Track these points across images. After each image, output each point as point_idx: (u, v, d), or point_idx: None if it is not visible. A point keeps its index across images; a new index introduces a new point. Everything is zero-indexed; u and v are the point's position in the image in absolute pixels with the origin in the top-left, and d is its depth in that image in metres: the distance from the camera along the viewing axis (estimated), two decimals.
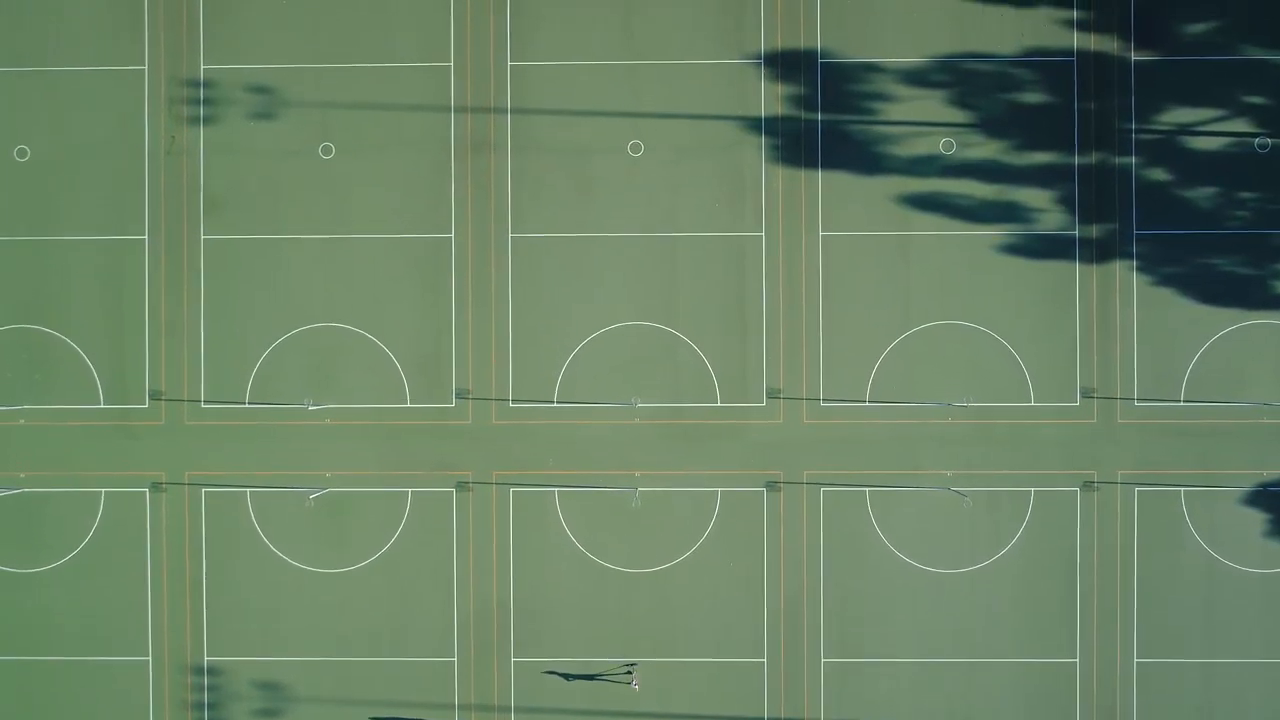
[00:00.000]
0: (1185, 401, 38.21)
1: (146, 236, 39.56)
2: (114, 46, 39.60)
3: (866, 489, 38.63)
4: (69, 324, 39.58)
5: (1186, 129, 38.56)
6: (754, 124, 39.09)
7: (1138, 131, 38.66)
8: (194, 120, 39.51)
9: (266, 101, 39.41)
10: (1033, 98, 38.86)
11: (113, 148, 39.59)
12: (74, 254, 39.59)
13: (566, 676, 38.75)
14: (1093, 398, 38.34)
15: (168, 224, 39.54)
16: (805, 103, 39.05)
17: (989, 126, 38.87)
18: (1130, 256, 38.51)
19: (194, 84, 39.53)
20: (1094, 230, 38.62)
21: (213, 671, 39.28)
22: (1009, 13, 38.91)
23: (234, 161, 39.46)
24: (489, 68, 39.28)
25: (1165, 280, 38.48)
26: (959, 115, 38.90)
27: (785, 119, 39.06)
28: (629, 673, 38.36)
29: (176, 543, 39.44)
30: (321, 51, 39.35)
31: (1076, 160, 38.71)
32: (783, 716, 38.46)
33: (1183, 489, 38.20)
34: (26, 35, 39.61)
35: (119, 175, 39.59)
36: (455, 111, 39.30)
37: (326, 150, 39.37)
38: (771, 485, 38.71)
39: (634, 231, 39.07)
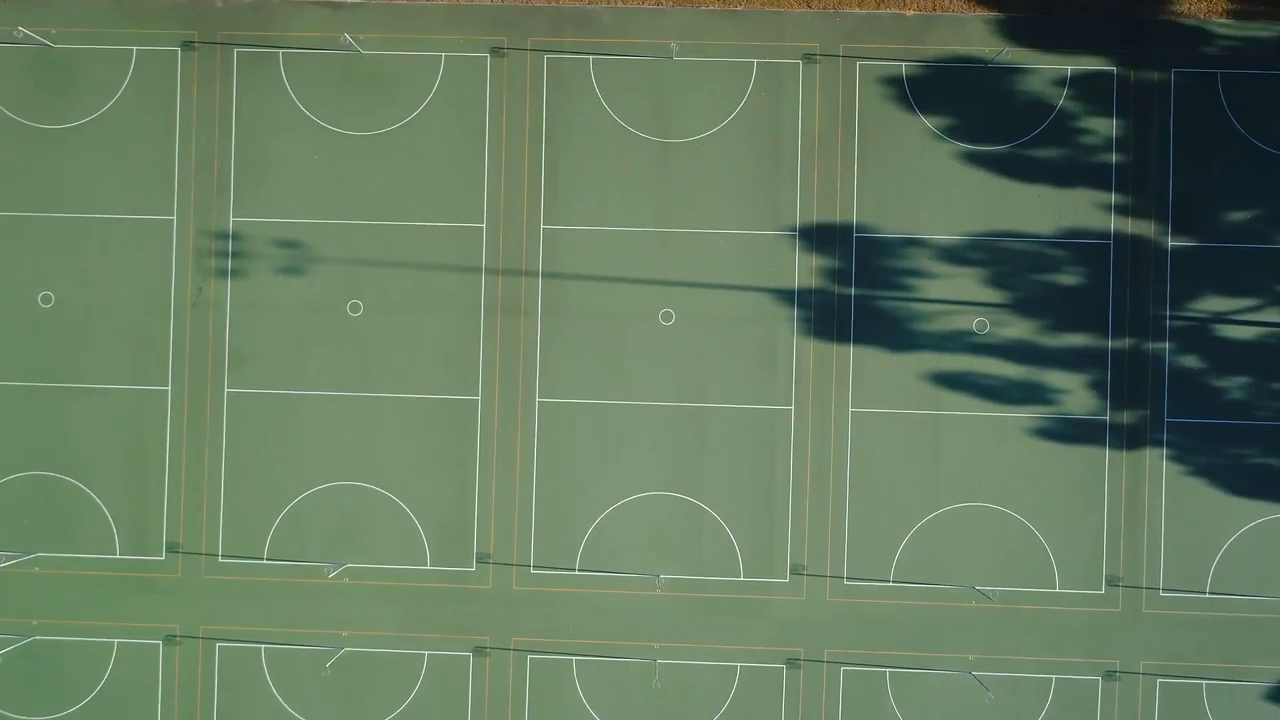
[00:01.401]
0: (1211, 594, 38.02)
1: (170, 387, 39.11)
2: (143, 195, 39.18)
3: (887, 670, 38.34)
4: (87, 473, 39.11)
5: (1221, 316, 38.41)
6: (787, 296, 38.82)
7: (1172, 317, 38.49)
8: (221, 273, 39.08)
9: (295, 256, 39.01)
10: (1068, 279, 38.67)
11: (138, 297, 39.16)
12: (95, 402, 39.12)
13: None
14: (1118, 586, 38.13)
15: (191, 376, 39.10)
16: (839, 276, 38.80)
17: (1023, 307, 38.67)
18: (1161, 444, 38.32)
19: (222, 236, 39.12)
20: (1125, 416, 38.43)
21: None
22: (1047, 193, 38.74)
23: (260, 315, 39.05)
24: (522, 231, 38.95)
25: (1196, 470, 38.29)
26: (993, 294, 38.69)
27: (818, 292, 38.81)
28: None
29: (188, 697, 38.97)
30: (353, 208, 38.98)
31: (1110, 344, 38.52)
32: None
33: (1205, 682, 38.01)
34: (56, 181, 39.18)
35: (143, 325, 39.16)
36: (486, 273, 38.96)
37: (355, 308, 38.99)
38: (792, 662, 38.40)
39: (663, 401, 38.75)
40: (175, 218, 39.15)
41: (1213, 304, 38.45)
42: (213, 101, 39.18)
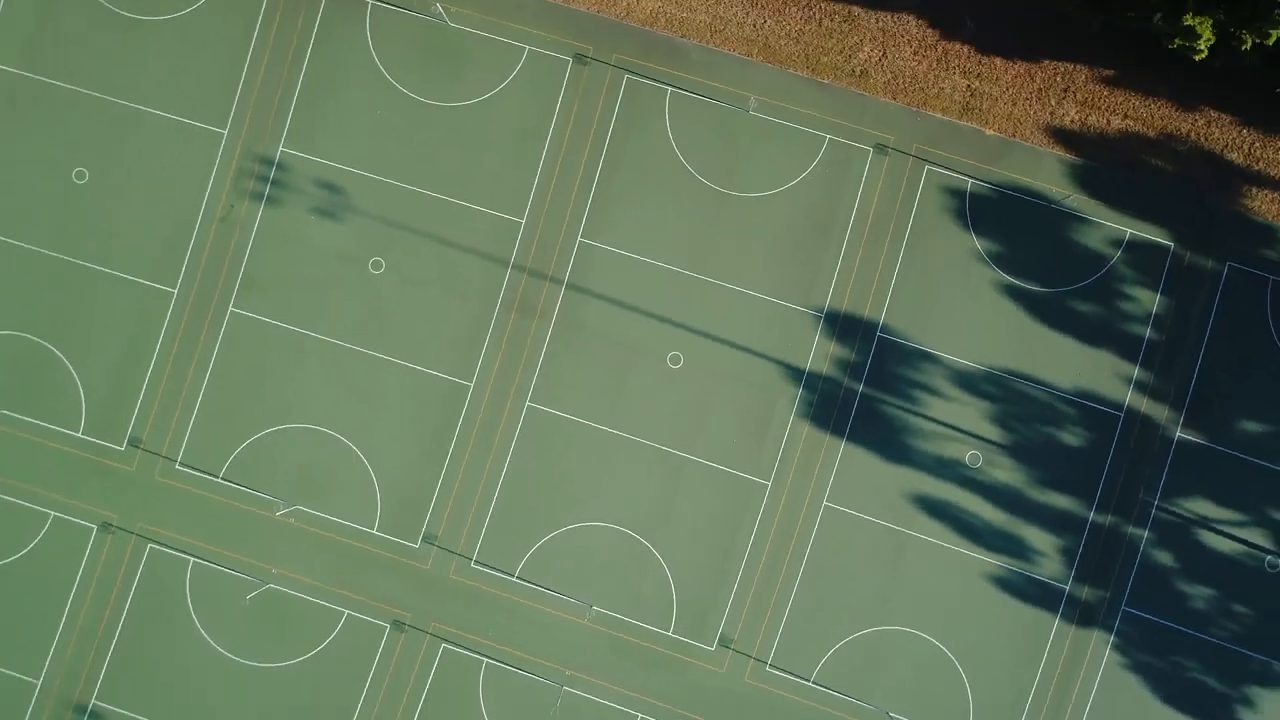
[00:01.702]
0: None
1: (177, 290, 39.23)
2: (202, 103, 39.26)
3: None
4: (74, 348, 39.27)
5: (1206, 522, 38.10)
6: (796, 374, 38.66)
7: (1159, 508, 38.20)
8: (257, 196, 39.11)
9: (332, 200, 39.01)
10: (1070, 439, 38.41)
11: (170, 197, 39.26)
12: (102, 285, 39.28)
13: None
14: None
15: (200, 285, 39.21)
16: (852, 370, 38.62)
17: (1019, 452, 38.43)
18: (1110, 630, 38.07)
19: (267, 162, 39.15)
20: (1085, 591, 38.19)
21: (95, 716, 38.98)
22: (1072, 347, 38.45)
23: (283, 247, 39.10)
24: (558, 236, 38.87)
25: (1136, 667, 38.02)
26: (993, 431, 38.46)
27: (827, 379, 38.63)
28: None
29: (105, 587, 39.18)
30: (400, 169, 38.94)
31: (1091, 516, 38.27)
32: None
33: None
34: (120, 67, 39.25)
35: (168, 225, 39.30)
36: (513, 268, 38.88)
37: (376, 265, 38.99)
38: None
39: (648, 440, 38.67)
40: (227, 132, 39.19)
41: (1202, 507, 38.13)
42: (293, 31, 39.16)
